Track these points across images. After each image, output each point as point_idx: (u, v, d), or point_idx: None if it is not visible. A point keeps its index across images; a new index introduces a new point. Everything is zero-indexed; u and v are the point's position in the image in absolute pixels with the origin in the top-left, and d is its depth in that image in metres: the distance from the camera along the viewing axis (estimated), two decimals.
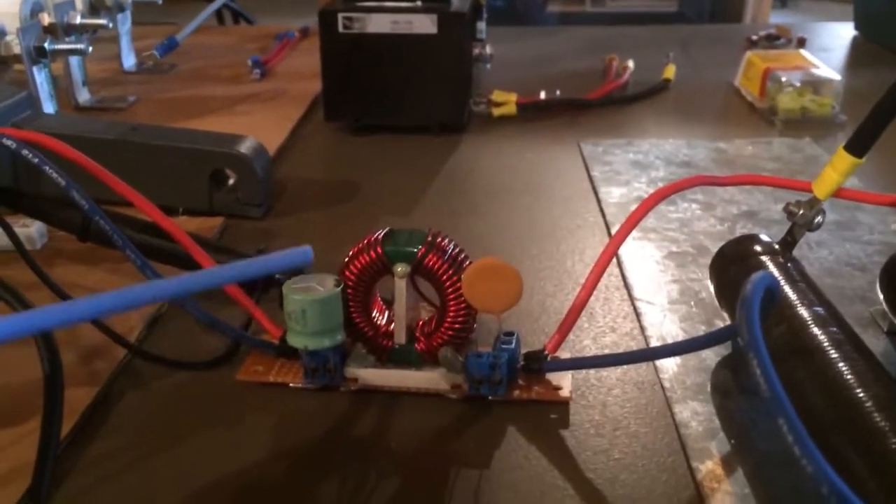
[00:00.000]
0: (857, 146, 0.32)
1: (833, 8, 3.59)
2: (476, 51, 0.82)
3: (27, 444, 0.30)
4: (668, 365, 0.36)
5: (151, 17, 0.99)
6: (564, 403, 0.34)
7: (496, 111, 0.69)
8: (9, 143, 0.32)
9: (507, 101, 0.70)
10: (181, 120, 0.67)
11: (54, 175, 0.32)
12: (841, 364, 0.28)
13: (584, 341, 0.38)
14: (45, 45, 0.59)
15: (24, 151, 0.32)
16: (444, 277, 0.33)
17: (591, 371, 0.36)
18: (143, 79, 0.81)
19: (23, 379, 0.34)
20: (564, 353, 0.36)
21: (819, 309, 0.31)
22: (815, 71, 0.69)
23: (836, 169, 0.33)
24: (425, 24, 0.61)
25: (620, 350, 0.38)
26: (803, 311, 0.31)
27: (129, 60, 0.83)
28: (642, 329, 0.39)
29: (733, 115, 0.71)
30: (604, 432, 0.32)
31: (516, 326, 0.38)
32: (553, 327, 0.36)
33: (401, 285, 0.33)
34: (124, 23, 0.80)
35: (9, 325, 0.20)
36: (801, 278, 0.34)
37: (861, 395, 0.27)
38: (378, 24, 0.61)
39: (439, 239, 0.33)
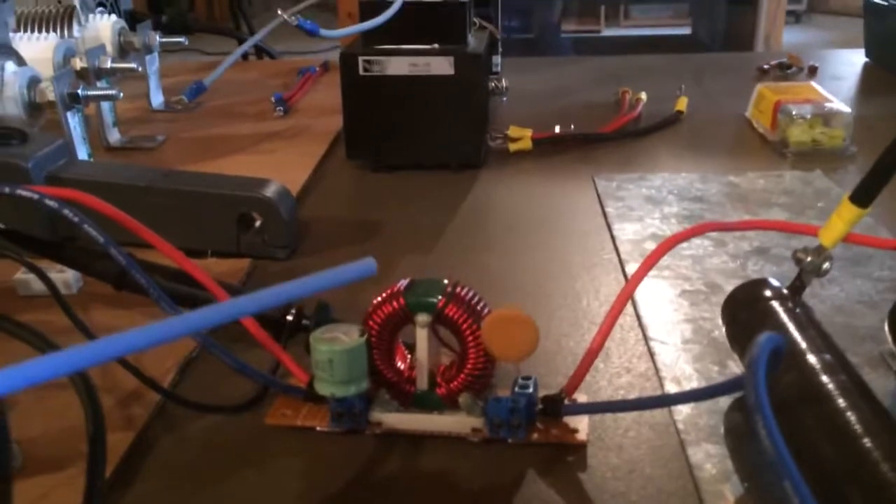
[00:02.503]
0: (862, 197, 0.33)
1: (846, 23, 3.59)
2: (492, 84, 0.84)
3: (70, 489, 0.32)
4: (682, 407, 0.37)
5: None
6: (581, 446, 0.35)
7: (512, 146, 0.71)
8: (51, 203, 0.34)
9: (522, 136, 0.71)
10: (209, 159, 0.70)
11: (93, 233, 0.34)
12: (848, 413, 0.29)
13: (599, 382, 0.40)
14: (79, 91, 0.62)
15: (66, 211, 0.34)
16: (465, 326, 0.34)
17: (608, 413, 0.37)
18: (170, 117, 0.83)
19: (63, 425, 0.36)
20: (581, 396, 0.38)
21: (827, 356, 0.32)
22: (825, 103, 0.70)
23: (841, 218, 0.34)
24: (443, 66, 0.63)
25: (635, 391, 0.39)
26: (812, 359, 0.32)
27: (157, 99, 0.85)
28: (657, 369, 0.40)
29: (745, 148, 0.72)
30: (620, 475, 0.33)
31: (534, 366, 0.40)
32: (569, 366, 0.37)
33: (422, 334, 0.35)
34: (152, 63, 0.83)
35: (46, 366, 0.19)
36: (809, 324, 0.35)
37: (868, 444, 0.28)
38: (397, 66, 0.63)
39: (458, 289, 0.35)
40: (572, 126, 0.74)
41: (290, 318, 0.40)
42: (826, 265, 0.35)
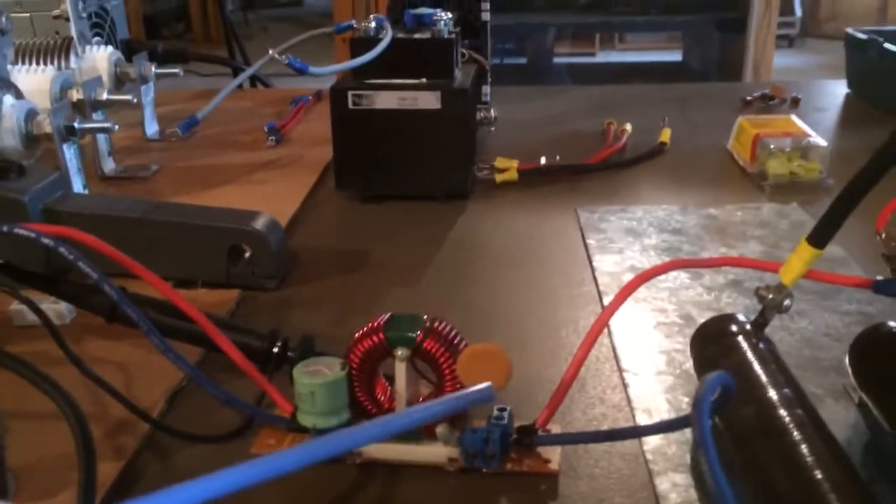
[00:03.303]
0: (818, 238, 0.35)
1: (839, 47, 3.64)
2: (480, 114, 0.85)
3: None
4: (652, 437, 0.38)
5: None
6: (554, 476, 0.36)
7: (499, 177, 0.73)
8: (47, 241, 0.35)
9: (509, 168, 0.73)
10: (202, 189, 0.71)
11: (87, 270, 0.36)
12: (802, 446, 0.31)
13: (574, 413, 0.41)
14: (75, 124, 0.64)
15: (61, 249, 0.35)
16: (442, 360, 0.36)
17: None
18: (164, 146, 0.85)
19: (56, 453, 0.37)
20: (555, 426, 0.39)
21: (786, 390, 0.34)
22: (803, 137, 0.72)
23: (800, 258, 0.35)
24: (429, 101, 0.65)
25: (608, 421, 0.40)
26: (771, 393, 0.34)
27: (151, 128, 0.87)
28: (629, 400, 0.42)
29: (725, 179, 0.74)
30: None
31: (513, 395, 0.41)
32: (547, 396, 0.39)
33: (401, 367, 0.36)
34: (147, 93, 0.85)
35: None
36: (771, 359, 0.36)
37: (819, 476, 0.29)
38: (386, 100, 0.65)
39: (437, 324, 0.36)
40: (558, 157, 0.76)
41: (275, 350, 0.42)
42: (787, 302, 0.37)
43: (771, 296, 0.37)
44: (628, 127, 0.83)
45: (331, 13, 2.18)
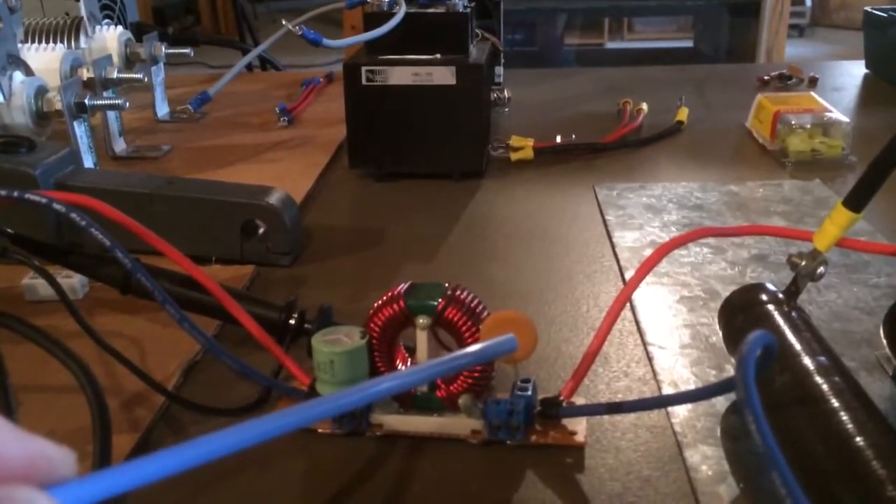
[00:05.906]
0: (855, 201, 0.34)
1: (849, 36, 3.60)
2: (494, 95, 0.84)
3: None
4: (680, 409, 0.37)
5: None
6: (580, 448, 0.35)
7: (514, 156, 0.72)
8: (59, 207, 0.34)
9: (524, 146, 0.72)
10: (213, 169, 0.70)
11: (99, 236, 0.35)
12: (842, 413, 0.29)
13: (598, 386, 0.40)
14: (86, 100, 0.63)
15: (73, 215, 0.34)
16: (464, 329, 0.35)
17: (606, 415, 0.37)
18: (175, 127, 0.84)
19: (70, 426, 0.37)
20: (579, 399, 0.38)
21: (822, 358, 0.33)
22: (824, 113, 0.70)
23: (834, 223, 0.34)
24: (444, 76, 0.64)
25: (633, 395, 0.39)
26: (806, 361, 0.32)
27: (162, 109, 0.86)
28: (654, 373, 0.41)
29: (745, 157, 0.73)
30: (617, 476, 0.34)
31: (533, 371, 0.40)
32: (569, 371, 0.38)
33: (422, 336, 0.35)
34: (158, 74, 0.84)
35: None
36: (805, 327, 0.35)
37: (861, 443, 0.28)
38: (400, 76, 0.64)
39: (458, 292, 0.35)
40: (574, 136, 0.75)
41: (292, 321, 0.41)
42: (821, 269, 0.36)
43: (804, 262, 0.36)
44: (644, 106, 0.82)
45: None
